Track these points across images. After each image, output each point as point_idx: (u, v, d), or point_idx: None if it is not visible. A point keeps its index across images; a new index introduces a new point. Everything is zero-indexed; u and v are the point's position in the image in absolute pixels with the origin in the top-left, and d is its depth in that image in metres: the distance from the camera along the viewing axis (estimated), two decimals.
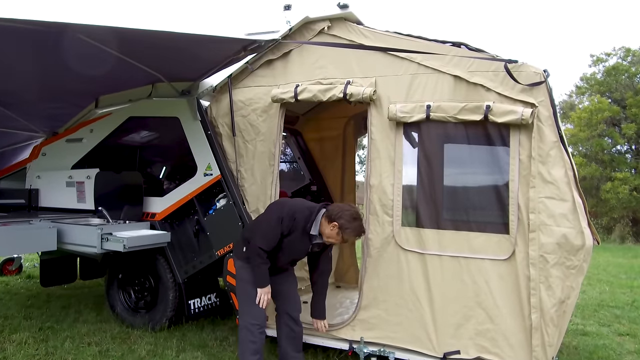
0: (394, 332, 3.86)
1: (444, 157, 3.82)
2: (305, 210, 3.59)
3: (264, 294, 3.59)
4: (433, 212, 3.79)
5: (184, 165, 4.59)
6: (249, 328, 3.60)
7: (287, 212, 3.54)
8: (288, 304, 3.90)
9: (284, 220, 3.51)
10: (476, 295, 3.64)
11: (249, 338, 3.59)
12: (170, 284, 4.62)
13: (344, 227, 3.48)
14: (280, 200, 3.77)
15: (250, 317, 3.60)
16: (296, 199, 3.81)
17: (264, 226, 3.59)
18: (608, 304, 6.39)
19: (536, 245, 3.49)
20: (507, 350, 3.59)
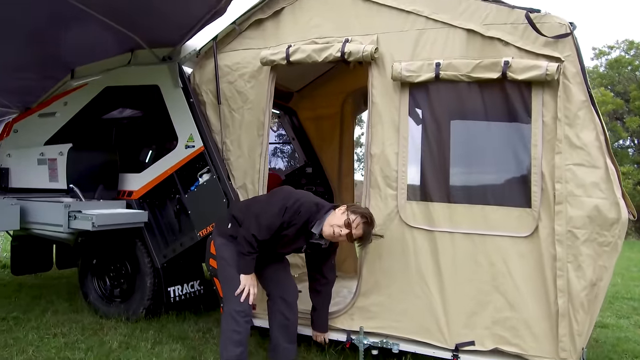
0: (398, 321, 3.31)
1: (456, 122, 3.27)
2: (312, 206, 3.07)
3: (248, 284, 3.05)
4: (443, 184, 3.24)
5: (164, 138, 4.03)
6: (233, 315, 3.04)
7: (292, 203, 3.02)
8: (282, 289, 3.35)
9: (287, 211, 2.99)
10: (493, 279, 3.09)
11: (232, 327, 3.03)
12: (148, 269, 4.06)
13: (355, 212, 3.03)
14: (287, 189, 3.28)
15: (235, 304, 3.04)
16: (304, 191, 3.35)
17: (262, 213, 3.04)
18: (623, 295, 5.85)
19: (563, 220, 2.94)
20: (529, 341, 3.03)
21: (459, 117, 3.28)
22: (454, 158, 3.26)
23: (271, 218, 2.99)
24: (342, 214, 3.02)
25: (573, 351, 2.96)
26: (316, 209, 3.06)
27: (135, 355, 3.44)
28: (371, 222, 3.08)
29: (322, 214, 3.06)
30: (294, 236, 3.10)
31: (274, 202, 3.06)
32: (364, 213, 3.07)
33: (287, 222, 3.00)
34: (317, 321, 3.47)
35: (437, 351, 3.19)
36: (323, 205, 3.13)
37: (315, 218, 3.05)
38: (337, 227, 2.99)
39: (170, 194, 4.01)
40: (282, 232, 3.04)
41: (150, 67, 4.08)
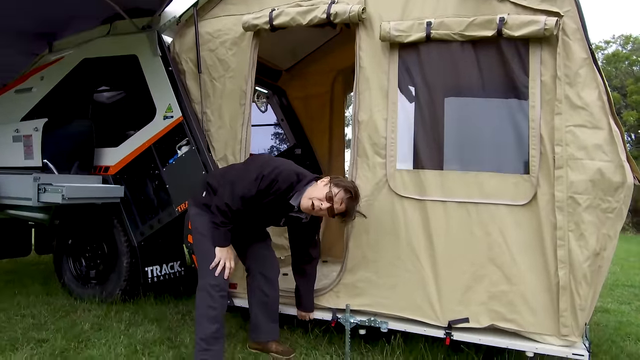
0: (386, 297, 3.04)
1: (448, 84, 3.01)
2: (292, 175, 2.76)
3: (223, 257, 2.78)
4: (435, 150, 2.98)
5: (142, 110, 3.77)
6: (207, 290, 2.77)
7: (270, 171, 2.71)
8: (261, 264, 3.09)
9: (264, 179, 2.69)
10: (489, 250, 2.83)
11: (207, 302, 2.76)
12: (125, 248, 3.79)
13: (338, 185, 2.73)
14: (266, 156, 2.99)
15: (210, 278, 2.78)
16: (286, 160, 3.01)
17: (237, 181, 2.76)
18: (624, 283, 5.60)
19: (564, 185, 2.69)
20: (527, 317, 2.77)
21: (452, 80, 3.00)
22: (447, 123, 3.00)
23: (247, 186, 2.71)
24: (325, 186, 2.75)
25: (575, 327, 2.70)
26: (296, 179, 2.77)
27: (106, 336, 3.17)
28: (355, 197, 2.80)
29: (303, 185, 2.77)
30: (271, 208, 2.83)
31: (251, 170, 2.78)
32: (348, 187, 2.78)
33: (264, 192, 2.72)
34: (302, 300, 3.20)
35: (429, 329, 2.93)
36: (305, 175, 2.82)
37: (295, 189, 2.76)
38: (317, 200, 2.71)
39: (148, 169, 3.74)
40: (259, 203, 2.77)
41: (128, 36, 3.83)
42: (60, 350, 2.93)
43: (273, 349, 3.04)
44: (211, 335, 2.73)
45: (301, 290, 3.20)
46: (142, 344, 3.08)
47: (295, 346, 3.15)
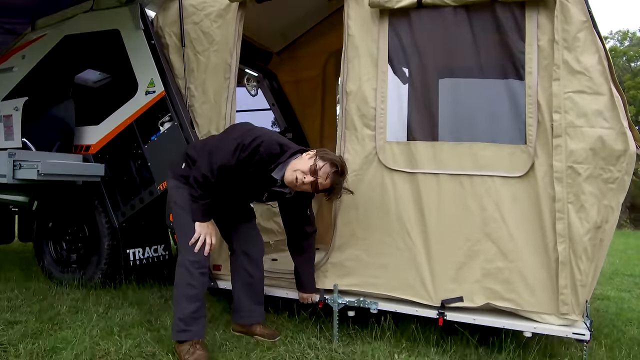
0: (376, 277, 2.85)
1: (440, 52, 2.83)
2: (274, 146, 2.53)
3: (203, 233, 2.59)
4: (427, 120, 2.80)
5: (124, 86, 3.59)
6: (186, 267, 2.58)
7: (250, 141, 2.47)
8: (245, 243, 2.91)
9: (244, 150, 2.46)
10: (484, 225, 2.65)
11: (185, 280, 2.57)
12: (105, 230, 3.61)
13: (324, 158, 2.52)
14: (246, 125, 2.73)
15: (189, 254, 2.59)
16: (269, 130, 2.79)
17: (215, 151, 2.55)
18: (623, 272, 5.43)
19: (563, 154, 2.52)
20: (525, 295, 2.59)
21: (445, 47, 2.82)
22: (440, 92, 2.82)
23: (225, 156, 2.48)
24: (309, 159, 2.53)
25: (575, 304, 2.52)
26: (279, 150, 2.55)
27: (82, 318, 2.98)
28: (342, 172, 2.57)
29: (287, 157, 2.56)
30: (253, 181, 2.64)
31: (230, 139, 2.55)
32: (335, 160, 2.55)
33: (244, 163, 2.50)
34: (302, 281, 2.96)
35: (421, 309, 2.74)
36: (289, 146, 2.61)
37: (278, 161, 2.56)
38: (300, 173, 2.50)
39: (129, 147, 3.56)
40: (239, 175, 2.57)
41: (110, 10, 3.65)
42: (33, 332, 2.74)
43: (257, 332, 2.86)
44: (190, 315, 2.54)
45: (300, 270, 2.97)
46: (119, 327, 2.89)
47: (281, 329, 2.96)
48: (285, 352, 2.61)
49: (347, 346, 2.74)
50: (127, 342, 2.65)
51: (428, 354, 2.65)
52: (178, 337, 2.54)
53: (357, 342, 2.81)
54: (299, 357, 2.57)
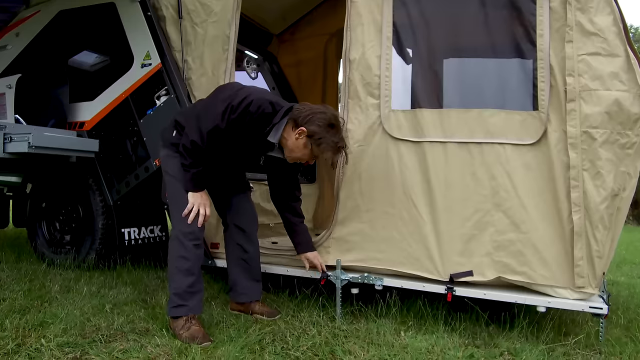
0: (381, 251, 2.71)
1: (447, 15, 2.70)
2: (266, 105, 2.34)
3: (197, 203, 2.44)
4: (434, 87, 2.67)
5: (119, 60, 3.45)
6: (179, 239, 2.44)
7: (239, 102, 2.30)
8: (238, 216, 2.78)
9: (233, 111, 2.29)
10: (494, 194, 2.51)
11: (179, 252, 2.43)
12: (100, 208, 3.47)
13: (315, 135, 2.33)
14: (235, 84, 2.56)
15: (183, 225, 2.44)
16: (258, 87, 2.62)
17: (203, 114, 2.38)
18: (632, 261, 5.27)
19: (577, 119, 2.38)
20: (538, 268, 2.44)
21: (452, 10, 2.69)
22: (446, 57, 2.69)
23: (214, 120, 2.31)
24: (304, 147, 2.38)
25: (592, 277, 2.38)
26: (272, 110, 2.36)
27: (74, 297, 2.84)
28: (334, 124, 2.38)
29: (280, 116, 2.38)
30: (247, 145, 2.48)
31: (218, 101, 2.37)
32: (332, 144, 2.36)
33: (235, 126, 2.33)
34: (300, 241, 2.77)
35: (428, 285, 2.59)
36: (280, 105, 2.41)
37: (272, 122, 2.38)
38: (296, 154, 2.42)
39: (125, 122, 3.42)
40: (232, 139, 2.41)
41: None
42: (21, 308, 2.59)
43: (256, 310, 2.72)
44: (186, 290, 2.40)
45: (297, 230, 2.77)
46: (112, 304, 2.75)
47: (282, 308, 2.82)
48: (286, 329, 2.47)
49: (351, 324, 2.59)
50: (120, 319, 2.51)
51: (436, 331, 2.51)
52: (173, 313, 2.39)
53: (361, 320, 2.66)
54: (300, 334, 2.42)
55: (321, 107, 2.42)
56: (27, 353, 2.06)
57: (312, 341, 2.32)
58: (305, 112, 2.37)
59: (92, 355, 2.09)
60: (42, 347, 2.10)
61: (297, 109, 2.40)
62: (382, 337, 2.39)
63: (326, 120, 2.35)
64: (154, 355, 2.12)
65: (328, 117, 2.36)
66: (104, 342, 2.25)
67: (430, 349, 2.30)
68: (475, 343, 2.41)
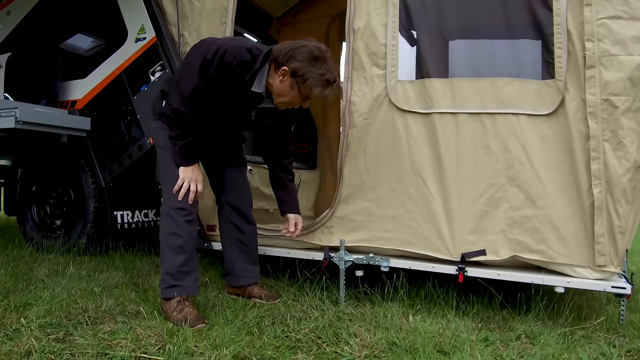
0: (388, 230, 2.54)
1: None
2: (242, 52, 2.16)
3: (188, 178, 2.27)
4: (443, 55, 2.50)
5: (113, 35, 3.29)
6: (170, 214, 2.27)
7: (213, 54, 2.12)
8: (233, 194, 2.61)
9: (209, 64, 2.12)
10: (508, 168, 2.34)
11: (170, 229, 2.26)
12: (92, 190, 3.30)
13: (298, 71, 2.12)
14: (207, 39, 2.35)
15: (174, 200, 2.27)
16: (231, 37, 2.41)
17: (182, 78, 2.23)
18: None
19: (597, 87, 2.21)
20: (556, 246, 2.27)
21: None
22: (456, 23, 2.52)
23: (193, 80, 2.13)
24: (290, 88, 2.18)
25: (614, 255, 2.20)
26: (250, 57, 2.16)
27: (62, 280, 2.66)
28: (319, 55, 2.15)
29: (259, 62, 2.16)
30: (233, 101, 2.30)
31: (193, 60, 2.18)
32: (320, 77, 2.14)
33: (215, 81, 2.16)
34: (285, 202, 2.60)
35: (438, 265, 2.42)
36: (259, 49, 2.20)
37: (253, 69, 2.17)
38: (284, 99, 2.22)
39: (118, 100, 3.25)
40: (215, 98, 2.24)
41: None
42: (6, 291, 2.42)
43: (255, 294, 2.54)
44: (178, 269, 2.22)
45: (286, 188, 2.60)
46: (102, 287, 2.58)
47: (282, 291, 2.64)
48: (287, 312, 2.29)
49: (356, 308, 2.41)
50: (109, 301, 2.33)
51: (446, 315, 2.33)
52: (166, 294, 2.22)
53: (366, 303, 2.48)
54: (302, 317, 2.24)
55: (302, 41, 2.18)
56: (5, 333, 1.88)
57: (315, 324, 2.14)
58: (285, 49, 2.14)
59: (76, 336, 1.91)
60: (21, 328, 1.93)
61: (276, 49, 2.18)
62: (390, 320, 2.21)
63: (308, 53, 2.12)
64: (143, 337, 1.94)
65: (310, 50, 2.13)
66: (90, 324, 2.07)
67: (441, 332, 2.11)
68: (489, 327, 2.23)
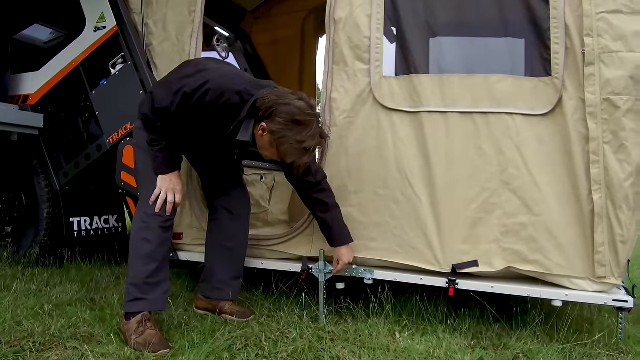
0: (371, 239, 2.30)
1: None
2: (231, 96, 1.87)
3: (165, 187, 2.01)
4: (432, 49, 2.28)
5: (74, 26, 2.95)
6: (143, 219, 2.00)
7: (195, 87, 1.85)
8: (229, 198, 2.37)
9: (187, 98, 1.86)
10: (502, 172, 2.14)
11: (141, 234, 1.99)
12: (45, 194, 2.96)
13: (275, 134, 1.85)
14: (199, 61, 2.15)
15: (148, 206, 2.01)
16: (227, 69, 2.07)
17: (158, 88, 2.03)
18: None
19: (596, 85, 2.03)
20: (554, 256, 2.08)
21: None
22: (447, 16, 2.30)
23: (164, 100, 1.89)
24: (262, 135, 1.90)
25: (615, 266, 2.03)
26: (239, 101, 1.88)
27: (7, 296, 2.33)
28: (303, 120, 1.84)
29: (246, 111, 1.88)
30: (215, 138, 2.09)
31: (175, 79, 1.96)
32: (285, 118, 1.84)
33: (190, 115, 1.91)
34: (334, 234, 2.22)
35: (427, 277, 2.20)
36: (253, 94, 1.89)
37: (239, 115, 1.89)
38: (266, 152, 1.96)
39: (74, 94, 2.92)
40: (192, 128, 2.02)
41: None
42: None
43: (226, 310, 2.28)
44: (145, 280, 1.95)
45: (327, 224, 2.22)
46: (53, 305, 2.26)
47: (256, 307, 2.38)
48: (261, 332, 2.03)
49: (337, 325, 2.18)
50: (59, 322, 2.03)
51: (436, 331, 2.12)
52: (129, 308, 1.95)
53: (348, 320, 2.25)
54: (278, 338, 1.99)
55: (288, 97, 1.86)
56: None
57: (293, 346, 1.89)
58: (268, 104, 1.84)
59: None
60: None
61: (261, 100, 1.87)
62: (375, 340, 1.99)
63: (289, 115, 1.82)
64: None
65: (292, 111, 1.82)
66: (34, 352, 1.79)
67: (431, 352, 1.91)
68: (482, 344, 2.03)
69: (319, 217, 2.23)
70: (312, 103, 1.86)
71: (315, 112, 1.87)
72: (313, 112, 1.85)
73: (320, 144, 1.91)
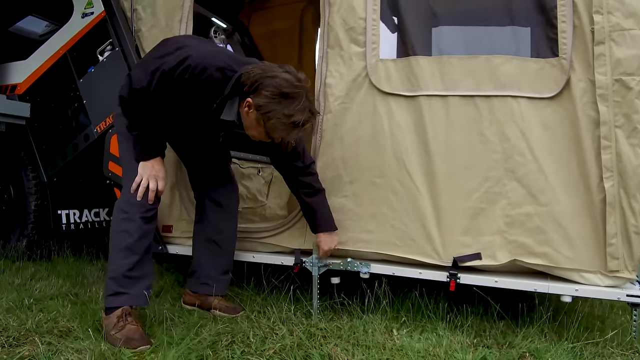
0: (368, 231, 2.17)
1: None
2: (212, 72, 1.76)
3: (146, 175, 1.89)
4: (431, 29, 2.15)
5: (57, 11, 2.86)
6: (123, 209, 1.89)
7: (175, 63, 1.74)
8: (215, 187, 2.25)
9: (165, 76, 1.74)
10: (507, 159, 2.00)
11: (121, 226, 1.88)
12: (32, 186, 2.86)
13: (262, 109, 1.73)
14: (178, 38, 2.06)
15: (130, 194, 1.90)
16: (209, 46, 2.00)
17: (136, 67, 1.97)
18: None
19: (607, 66, 1.89)
20: (562, 248, 1.94)
21: None
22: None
23: (142, 79, 1.76)
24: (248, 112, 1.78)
25: (628, 258, 1.88)
26: (221, 77, 1.77)
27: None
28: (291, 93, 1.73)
29: (230, 86, 1.77)
30: (198, 119, 1.96)
31: (153, 58, 1.83)
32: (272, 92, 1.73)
33: (170, 94, 1.79)
34: (318, 220, 2.12)
35: (426, 271, 2.06)
36: (236, 70, 1.79)
37: (221, 92, 1.78)
38: (252, 132, 1.85)
39: (62, 83, 2.82)
40: (173, 109, 1.89)
41: None
42: None
43: (215, 305, 2.16)
44: (125, 274, 1.84)
45: (311, 211, 2.13)
46: (35, 299, 2.15)
47: (245, 303, 2.26)
48: (249, 328, 1.91)
49: (330, 321, 2.05)
50: (38, 316, 1.92)
51: (436, 329, 1.98)
52: (109, 303, 1.84)
53: (343, 316, 2.11)
54: (267, 334, 1.87)
55: (274, 70, 1.75)
56: None
57: (281, 343, 1.77)
58: (253, 78, 1.72)
59: None
60: None
61: (245, 74, 1.75)
62: (370, 337, 1.86)
63: (276, 88, 1.71)
64: None
65: (279, 84, 1.71)
66: (7, 346, 1.68)
67: (430, 350, 1.77)
68: (485, 342, 1.89)
69: (304, 201, 2.12)
70: (300, 76, 1.73)
71: (305, 85, 1.73)
72: (302, 85, 1.72)
73: (309, 120, 1.76)
